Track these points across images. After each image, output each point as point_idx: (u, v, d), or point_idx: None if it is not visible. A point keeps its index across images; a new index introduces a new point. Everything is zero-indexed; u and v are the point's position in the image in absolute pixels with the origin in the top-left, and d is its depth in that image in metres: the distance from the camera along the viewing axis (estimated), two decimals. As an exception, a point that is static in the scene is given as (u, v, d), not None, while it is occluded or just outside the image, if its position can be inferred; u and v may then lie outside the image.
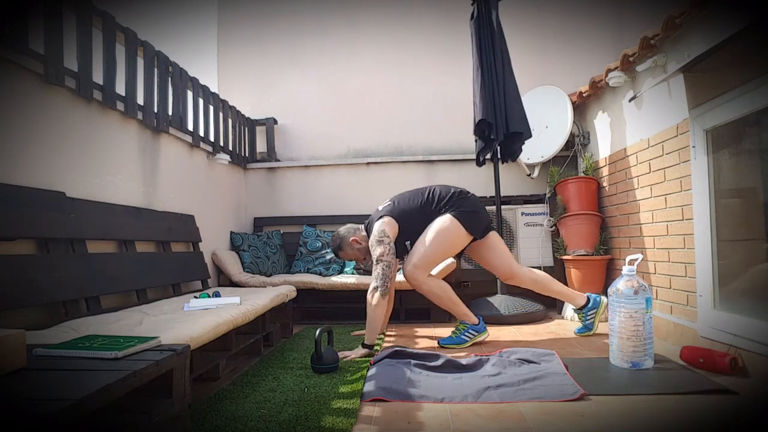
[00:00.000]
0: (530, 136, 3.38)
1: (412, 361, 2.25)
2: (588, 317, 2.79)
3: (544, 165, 3.95)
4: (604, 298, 2.79)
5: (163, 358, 1.26)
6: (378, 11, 4.64)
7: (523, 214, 3.81)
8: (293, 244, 4.14)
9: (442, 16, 4.49)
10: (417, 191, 2.79)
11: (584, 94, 3.59)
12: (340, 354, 2.41)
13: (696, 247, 2.35)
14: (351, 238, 2.80)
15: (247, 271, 3.68)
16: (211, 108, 3.66)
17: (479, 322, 2.74)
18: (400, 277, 3.49)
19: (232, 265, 3.62)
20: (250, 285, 3.50)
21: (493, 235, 2.84)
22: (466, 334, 2.69)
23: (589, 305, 2.79)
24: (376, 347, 2.55)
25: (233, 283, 3.57)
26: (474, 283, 3.80)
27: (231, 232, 3.95)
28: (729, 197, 2.23)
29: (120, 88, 2.58)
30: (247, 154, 4.38)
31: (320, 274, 3.79)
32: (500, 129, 3.25)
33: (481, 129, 3.31)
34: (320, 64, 4.66)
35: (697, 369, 2.09)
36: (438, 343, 2.71)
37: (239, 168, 4.32)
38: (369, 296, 2.58)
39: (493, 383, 1.95)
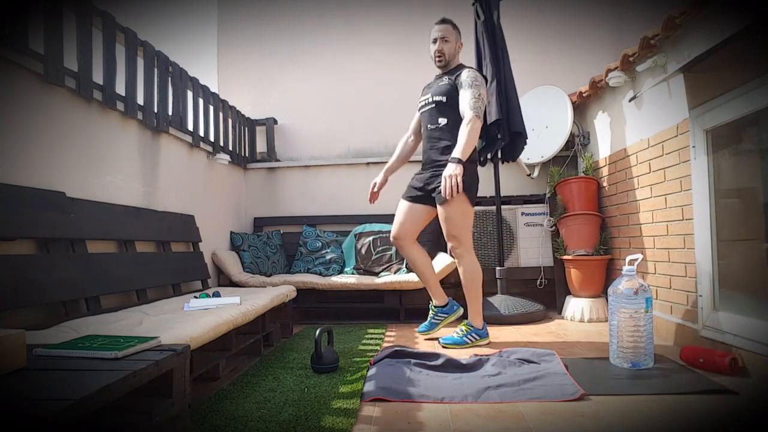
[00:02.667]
0: (526, 136, 3.38)
1: (412, 361, 2.26)
2: (437, 318, 2.78)
3: (544, 165, 3.95)
4: (460, 309, 2.82)
5: (163, 358, 1.25)
6: (378, 11, 4.63)
7: (523, 214, 3.80)
8: (293, 244, 4.14)
9: (443, 16, 4.48)
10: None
11: (584, 94, 3.59)
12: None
13: (696, 247, 2.35)
14: (460, 42, 2.77)
15: (247, 271, 3.68)
16: (211, 108, 3.66)
17: (483, 327, 2.75)
18: (402, 277, 3.50)
19: (232, 265, 3.62)
20: (250, 285, 3.50)
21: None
22: (469, 336, 2.70)
23: (445, 309, 2.79)
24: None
25: (233, 283, 3.57)
26: (474, 283, 3.79)
27: (231, 232, 3.95)
28: (729, 197, 2.23)
29: (120, 88, 2.58)
30: (247, 154, 4.38)
31: (320, 274, 3.79)
32: (505, 129, 3.25)
33: (491, 129, 3.30)
34: (320, 64, 4.66)
35: (697, 369, 2.09)
36: (440, 341, 2.71)
37: (239, 168, 4.32)
38: (471, 122, 2.54)
39: (493, 383, 1.95)
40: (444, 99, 2.68)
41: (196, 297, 2.56)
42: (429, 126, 2.75)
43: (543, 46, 4.41)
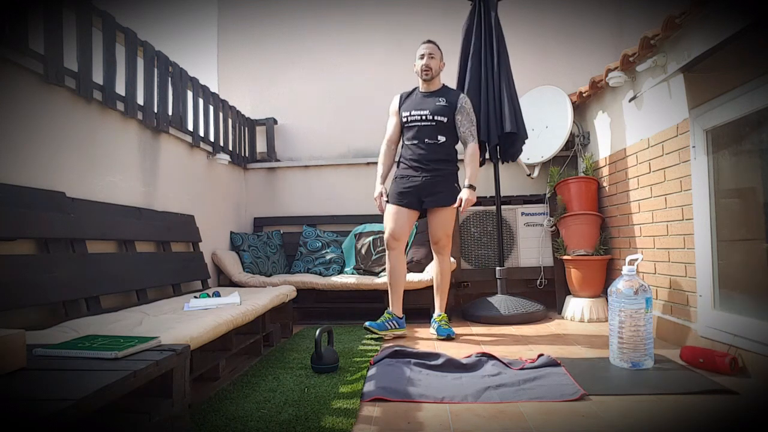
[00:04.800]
0: (526, 137, 3.38)
1: (412, 361, 2.26)
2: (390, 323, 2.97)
3: (544, 165, 3.95)
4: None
5: (163, 358, 1.26)
6: (378, 11, 4.63)
7: (523, 214, 3.80)
8: (293, 244, 4.14)
9: (442, 16, 4.48)
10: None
11: (584, 94, 3.59)
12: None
13: (696, 247, 2.35)
14: (443, 61, 3.02)
15: (247, 272, 3.67)
16: (211, 108, 3.66)
17: None
18: (410, 277, 3.47)
19: (232, 265, 3.62)
20: (250, 285, 3.49)
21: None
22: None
23: (401, 319, 3.02)
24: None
25: (233, 284, 3.56)
26: (474, 283, 3.79)
27: (231, 232, 3.95)
28: (729, 197, 2.23)
29: (120, 88, 2.58)
30: (247, 154, 4.38)
31: (320, 274, 3.79)
32: (493, 131, 3.25)
33: None
34: (320, 64, 4.66)
35: (697, 369, 2.09)
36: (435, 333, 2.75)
37: (239, 168, 4.32)
38: (475, 150, 2.98)
39: (493, 383, 1.95)
40: (445, 120, 2.93)
41: (196, 297, 2.56)
42: (428, 140, 2.94)
43: (543, 46, 4.41)
